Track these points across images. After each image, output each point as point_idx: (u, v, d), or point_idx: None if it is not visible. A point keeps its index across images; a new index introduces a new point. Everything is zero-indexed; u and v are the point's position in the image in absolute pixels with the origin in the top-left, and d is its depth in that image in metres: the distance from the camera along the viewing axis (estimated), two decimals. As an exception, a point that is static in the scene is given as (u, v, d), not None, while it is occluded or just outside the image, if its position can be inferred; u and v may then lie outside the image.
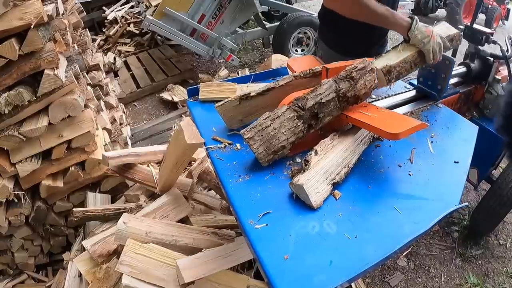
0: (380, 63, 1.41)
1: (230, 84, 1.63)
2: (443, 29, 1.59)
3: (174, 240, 1.56)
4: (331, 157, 1.13)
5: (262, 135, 1.11)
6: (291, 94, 1.28)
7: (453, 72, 2.03)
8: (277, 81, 1.37)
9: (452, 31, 1.59)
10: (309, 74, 1.39)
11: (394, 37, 7.54)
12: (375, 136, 1.32)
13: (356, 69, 1.23)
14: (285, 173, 1.16)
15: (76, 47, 2.60)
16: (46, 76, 1.82)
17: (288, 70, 1.70)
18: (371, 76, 1.26)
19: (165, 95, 4.56)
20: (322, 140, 1.20)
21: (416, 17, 1.52)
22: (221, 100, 1.36)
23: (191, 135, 1.37)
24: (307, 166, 1.08)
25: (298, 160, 1.23)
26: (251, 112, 1.40)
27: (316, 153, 1.13)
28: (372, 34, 1.92)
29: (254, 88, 1.40)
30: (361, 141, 1.25)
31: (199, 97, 1.62)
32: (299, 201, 1.05)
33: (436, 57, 1.50)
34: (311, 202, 1.00)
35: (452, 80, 2.03)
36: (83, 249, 1.81)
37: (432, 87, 1.74)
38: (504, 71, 2.08)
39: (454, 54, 2.34)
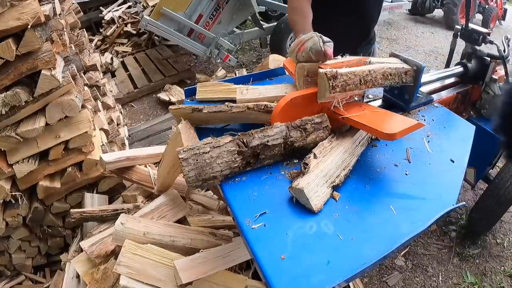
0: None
1: (228, 84, 1.63)
2: (397, 64, 1.42)
3: (171, 240, 1.56)
4: (330, 160, 1.13)
5: (197, 160, 1.05)
6: (288, 94, 1.28)
7: (450, 72, 2.04)
8: (231, 106, 1.34)
9: (404, 66, 1.41)
10: (263, 109, 1.32)
11: (391, 36, 7.57)
12: (373, 137, 1.32)
13: (313, 122, 1.21)
14: (282, 173, 1.16)
15: (73, 48, 2.60)
16: (43, 76, 1.82)
17: (285, 70, 1.70)
18: (324, 133, 1.22)
19: (163, 96, 4.55)
20: (320, 143, 1.20)
21: (311, 33, 1.37)
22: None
23: (188, 137, 1.37)
24: (306, 170, 1.08)
25: (296, 160, 1.23)
26: (202, 121, 1.41)
27: (315, 156, 1.13)
28: (351, 31, 1.96)
29: (209, 106, 1.37)
30: (359, 143, 1.25)
31: (196, 98, 1.61)
32: (297, 202, 1.05)
33: (313, 61, 1.35)
34: (312, 206, 1.00)
35: (449, 80, 2.03)
36: (80, 250, 1.81)
37: (399, 96, 1.54)
38: (501, 71, 2.08)
39: (451, 54, 2.34)
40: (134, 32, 5.84)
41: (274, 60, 2.55)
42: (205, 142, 1.10)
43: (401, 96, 1.54)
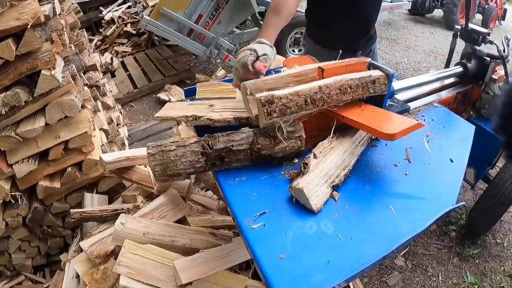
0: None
1: (227, 84, 1.63)
2: (362, 73, 1.30)
3: (171, 240, 1.56)
4: (330, 160, 1.13)
5: (163, 156, 1.10)
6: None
7: (450, 72, 2.04)
8: (213, 120, 1.29)
9: (373, 74, 1.29)
10: (243, 121, 1.29)
11: (391, 36, 7.57)
12: (373, 137, 1.32)
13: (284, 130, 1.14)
14: (282, 173, 1.16)
15: (73, 48, 2.60)
16: (43, 76, 1.82)
17: (286, 70, 1.70)
18: (296, 143, 1.16)
19: (162, 96, 4.55)
20: (320, 143, 1.20)
21: (259, 40, 1.35)
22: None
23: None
24: (306, 170, 1.08)
25: (296, 160, 1.23)
26: None
27: (315, 156, 1.13)
28: (349, 29, 1.98)
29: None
30: (359, 143, 1.25)
31: (196, 98, 1.61)
32: (297, 202, 1.05)
33: (246, 75, 1.25)
34: (312, 206, 1.00)
35: (449, 80, 2.03)
36: (80, 250, 1.81)
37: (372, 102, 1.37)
38: (500, 71, 2.08)
39: (450, 54, 2.34)
40: (134, 32, 5.83)
41: (274, 60, 2.54)
42: (171, 141, 1.12)
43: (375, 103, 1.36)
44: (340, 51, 1.93)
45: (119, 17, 5.89)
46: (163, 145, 1.11)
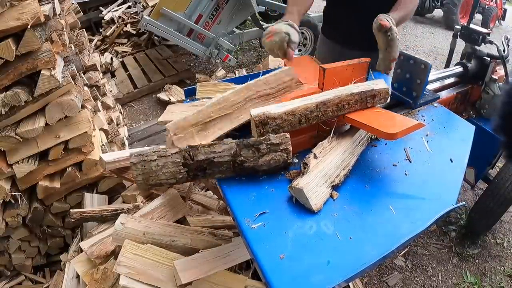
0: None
1: (227, 84, 1.63)
2: (363, 86, 1.31)
3: (171, 240, 1.56)
4: (330, 160, 1.13)
5: (144, 166, 1.08)
6: (288, 95, 1.28)
7: (450, 72, 2.04)
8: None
9: (374, 87, 1.31)
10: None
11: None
12: (373, 137, 1.32)
13: (269, 142, 1.11)
14: (282, 173, 1.16)
15: (73, 48, 2.60)
16: (43, 76, 1.82)
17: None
18: (281, 156, 1.12)
19: (162, 96, 4.55)
20: (320, 143, 1.20)
21: (290, 23, 1.40)
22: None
23: None
24: (306, 169, 1.08)
25: (296, 160, 1.23)
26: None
27: (315, 156, 1.12)
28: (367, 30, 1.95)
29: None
30: (359, 143, 1.25)
31: (196, 97, 1.61)
32: (297, 202, 1.05)
33: (274, 55, 1.40)
34: (311, 205, 1.00)
35: (449, 80, 2.04)
36: (80, 250, 1.81)
37: (407, 93, 1.59)
38: (500, 71, 2.09)
39: (450, 54, 2.35)
40: (134, 32, 5.83)
41: (274, 60, 2.56)
42: (153, 150, 1.10)
43: (409, 93, 1.57)
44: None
45: (119, 17, 5.89)
46: (145, 154, 1.09)
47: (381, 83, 1.31)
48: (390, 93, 1.35)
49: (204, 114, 1.20)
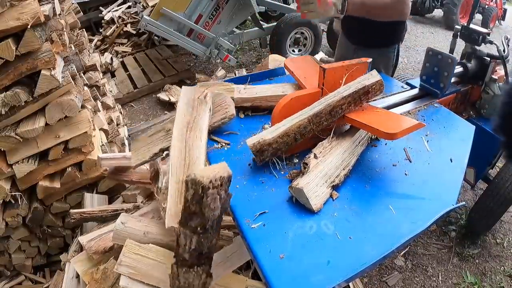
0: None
1: (227, 84, 1.63)
2: (355, 85, 1.29)
3: (172, 240, 1.56)
4: (330, 160, 1.13)
5: None
6: (289, 94, 1.28)
7: (450, 72, 2.04)
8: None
9: (366, 83, 1.30)
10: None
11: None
12: (373, 137, 1.32)
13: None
14: (282, 173, 1.16)
15: (73, 48, 2.60)
16: (43, 76, 1.81)
17: (286, 70, 1.70)
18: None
19: (162, 96, 4.55)
20: (320, 143, 1.20)
21: None
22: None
23: None
24: (306, 170, 1.08)
25: (296, 160, 1.23)
26: None
27: (315, 156, 1.12)
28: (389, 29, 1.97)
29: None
30: (359, 143, 1.25)
31: None
32: (297, 202, 1.05)
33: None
34: (311, 205, 1.00)
35: (449, 80, 2.04)
36: (80, 250, 1.80)
37: (434, 85, 1.77)
38: (500, 71, 2.09)
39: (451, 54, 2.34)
40: (134, 32, 5.83)
41: (274, 60, 2.56)
42: None
43: (436, 84, 1.76)
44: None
45: (119, 17, 5.89)
46: None
47: (373, 76, 1.31)
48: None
49: None
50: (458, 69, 2.08)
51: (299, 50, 5.38)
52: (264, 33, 5.27)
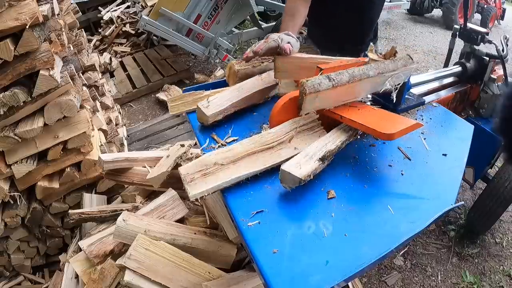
0: None
1: (198, 93, 1.55)
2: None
3: (172, 239, 1.56)
4: (315, 145, 1.12)
5: None
6: (288, 94, 1.28)
7: (449, 72, 2.04)
8: None
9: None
10: None
11: (389, 36, 7.57)
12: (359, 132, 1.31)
13: None
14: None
15: (72, 48, 2.59)
16: (42, 76, 1.81)
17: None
18: None
19: (161, 96, 4.55)
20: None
21: (286, 32, 1.42)
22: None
23: None
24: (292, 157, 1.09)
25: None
26: None
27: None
28: (355, 29, 1.95)
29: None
30: (343, 130, 1.23)
31: (170, 112, 1.55)
32: (294, 201, 1.05)
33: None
34: (297, 175, 0.99)
35: (448, 80, 2.04)
36: (79, 250, 1.80)
37: (386, 98, 1.44)
38: (499, 71, 2.09)
39: (449, 54, 2.35)
40: (133, 32, 5.83)
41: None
42: None
43: (387, 98, 1.40)
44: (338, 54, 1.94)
45: (118, 17, 5.89)
46: None
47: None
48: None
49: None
50: (457, 68, 2.08)
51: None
52: (263, 32, 5.26)
